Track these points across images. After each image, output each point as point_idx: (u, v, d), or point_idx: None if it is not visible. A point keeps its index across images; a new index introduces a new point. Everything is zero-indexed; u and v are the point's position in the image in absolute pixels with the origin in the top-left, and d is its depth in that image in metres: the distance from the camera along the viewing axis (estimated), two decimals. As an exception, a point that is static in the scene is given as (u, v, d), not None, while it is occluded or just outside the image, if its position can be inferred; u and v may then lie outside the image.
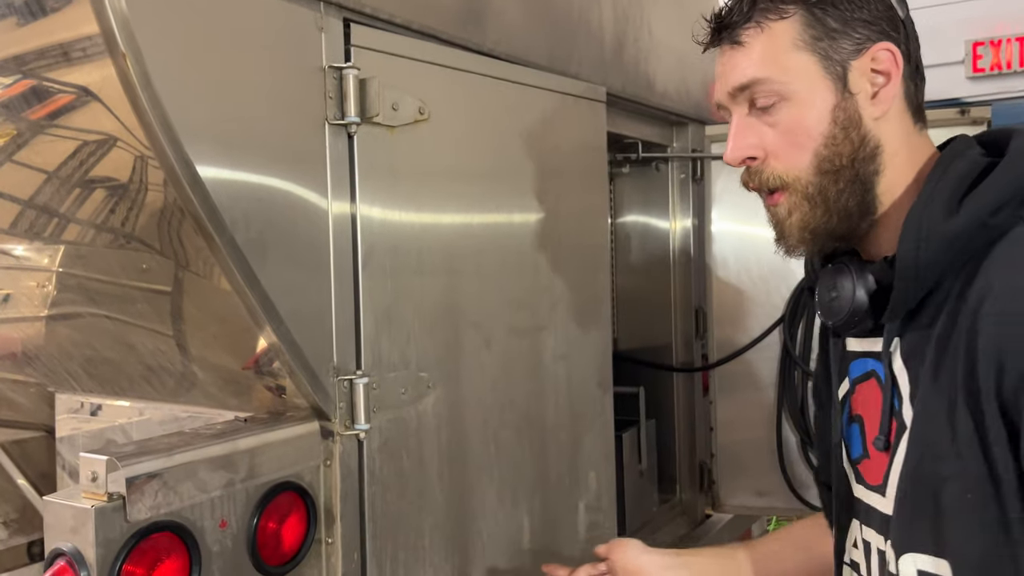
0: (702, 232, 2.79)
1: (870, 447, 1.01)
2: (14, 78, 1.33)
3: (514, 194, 1.81)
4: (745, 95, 0.99)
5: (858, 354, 1.05)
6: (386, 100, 1.44)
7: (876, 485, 1.00)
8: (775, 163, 0.98)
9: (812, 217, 0.98)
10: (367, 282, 1.44)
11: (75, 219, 1.42)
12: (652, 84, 2.47)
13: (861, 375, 1.04)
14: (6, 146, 1.42)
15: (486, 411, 1.72)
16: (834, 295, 0.99)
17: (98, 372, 1.61)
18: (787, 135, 0.97)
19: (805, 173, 0.97)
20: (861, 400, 1.04)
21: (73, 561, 1.08)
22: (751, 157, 1.00)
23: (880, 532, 0.98)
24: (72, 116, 1.30)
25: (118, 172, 1.30)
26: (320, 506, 1.39)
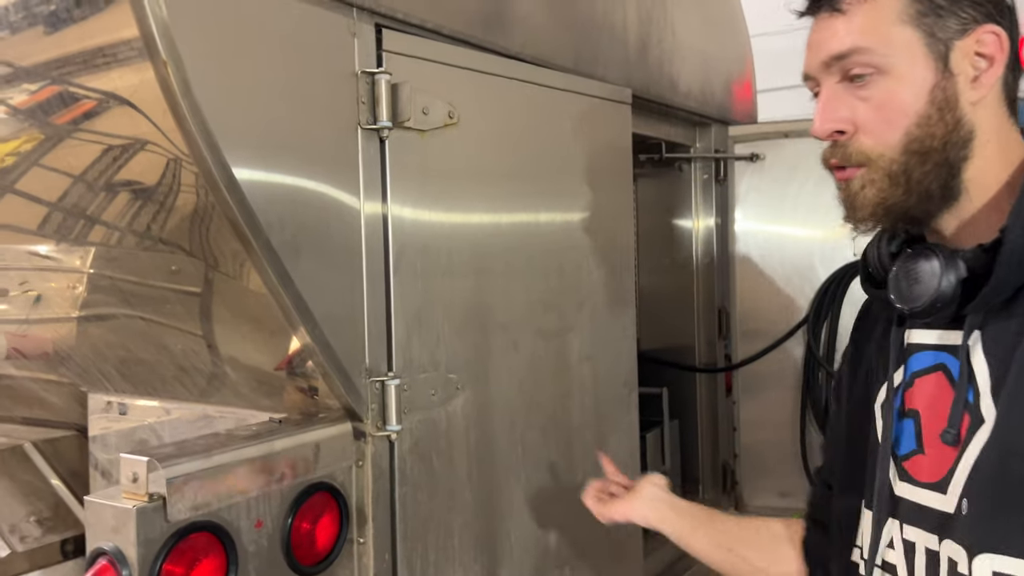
0: (725, 232, 2.79)
1: (928, 442, 0.98)
2: (48, 82, 1.35)
3: (541, 196, 1.82)
4: (840, 65, 0.95)
5: (922, 346, 1.01)
6: (417, 104, 1.45)
7: (932, 482, 0.96)
8: (863, 138, 0.95)
9: (890, 194, 0.95)
10: (398, 284, 1.46)
11: (105, 221, 1.44)
12: (675, 85, 2.47)
13: (924, 368, 1.00)
14: (36, 149, 1.44)
15: (513, 412, 1.73)
16: (915, 280, 0.95)
17: (131, 372, 1.63)
18: (880, 110, 0.94)
19: (891, 151, 0.94)
20: (920, 394, 1.00)
21: (115, 560, 1.10)
22: (840, 131, 0.96)
23: (934, 532, 0.94)
24: (104, 120, 1.32)
25: (150, 175, 1.32)
26: (352, 506, 1.40)
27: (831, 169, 1.00)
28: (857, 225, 0.99)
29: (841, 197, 1.00)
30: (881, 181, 0.95)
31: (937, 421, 0.95)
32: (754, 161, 2.74)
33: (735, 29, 2.90)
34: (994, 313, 0.91)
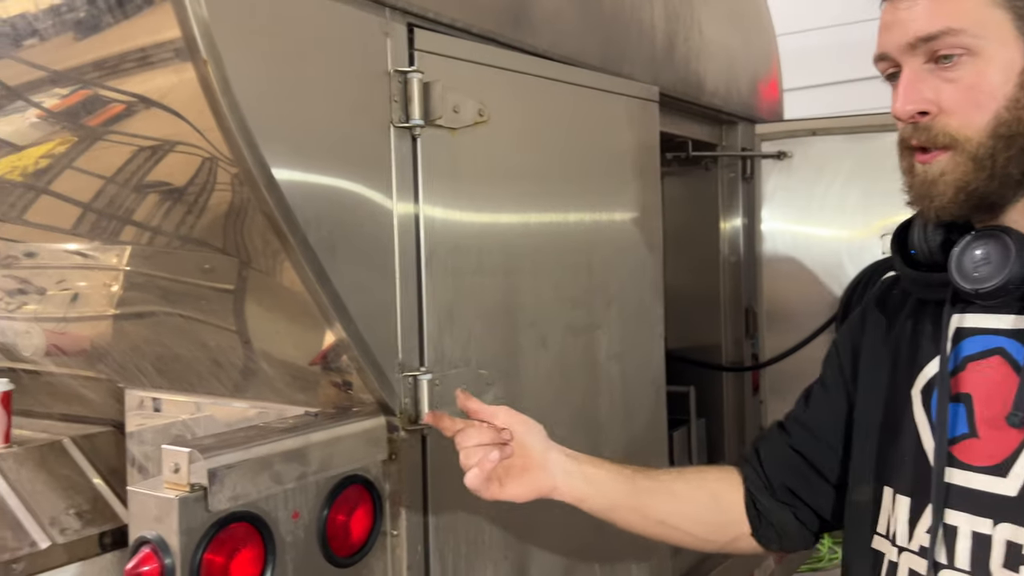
0: (752, 231, 2.78)
1: (982, 426, 0.96)
2: (85, 84, 1.38)
3: (569, 194, 1.83)
4: (927, 47, 0.93)
5: (977, 331, 0.99)
6: (448, 103, 1.47)
7: (989, 466, 0.94)
8: (948, 120, 0.94)
9: (974, 179, 0.93)
10: (430, 281, 1.48)
11: (139, 221, 1.46)
12: (702, 83, 2.48)
13: (978, 352, 0.99)
14: (69, 152, 1.47)
15: (542, 408, 1.74)
16: (985, 262, 0.94)
17: (167, 368, 1.66)
18: (968, 92, 0.93)
19: (978, 134, 0.93)
20: (973, 378, 0.99)
21: (158, 549, 1.13)
22: (923, 112, 0.95)
23: (985, 515, 0.94)
24: (137, 121, 1.35)
25: (183, 175, 1.34)
26: (386, 499, 1.42)
27: (911, 150, 0.98)
28: (929, 211, 0.97)
29: (914, 182, 0.98)
30: (966, 165, 0.93)
31: (994, 405, 0.95)
32: (781, 159, 2.73)
33: (761, 27, 2.90)
34: None
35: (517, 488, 1.20)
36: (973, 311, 1.00)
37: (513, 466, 1.21)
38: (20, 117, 1.51)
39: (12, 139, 1.54)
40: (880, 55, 0.99)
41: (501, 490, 1.19)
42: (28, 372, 1.91)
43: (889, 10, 0.98)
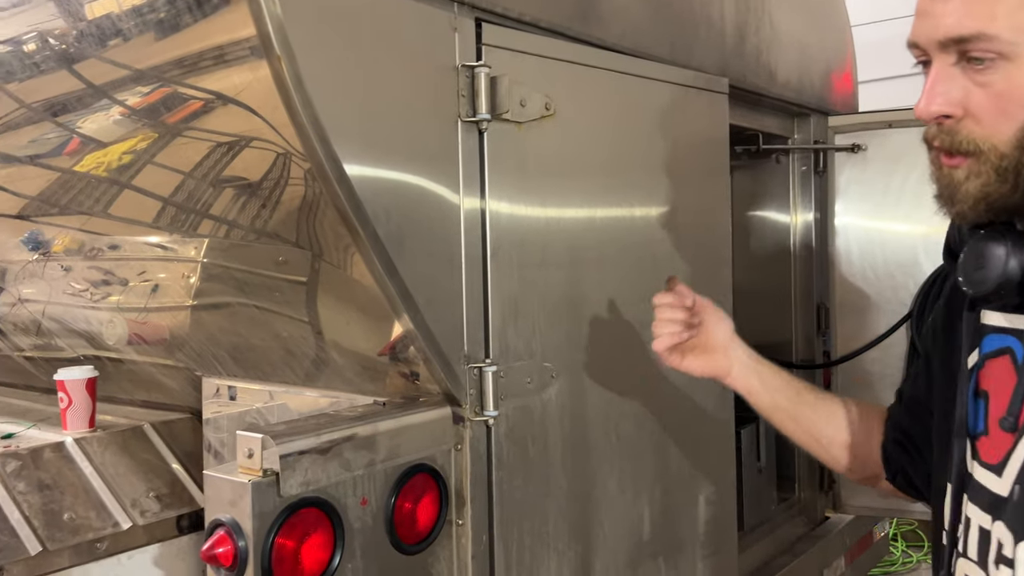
0: (824, 226, 2.72)
1: (991, 425, 0.97)
2: (158, 85, 1.43)
3: (636, 187, 1.82)
4: (959, 48, 0.89)
5: (995, 328, 0.99)
6: (515, 97, 1.48)
7: (992, 464, 0.96)
8: (973, 126, 0.90)
9: (995, 189, 0.90)
10: (495, 274, 1.49)
11: (215, 215, 1.51)
12: (773, 75, 2.43)
13: (993, 350, 0.98)
14: (150, 148, 1.52)
15: (607, 402, 1.74)
16: (982, 263, 0.93)
17: (243, 357, 1.71)
18: (998, 99, 0.88)
19: (1003, 144, 0.89)
20: (989, 376, 0.99)
21: (232, 531, 1.17)
22: (946, 115, 0.91)
23: (988, 512, 0.95)
24: (214, 118, 1.39)
25: (258, 170, 1.38)
26: (451, 488, 1.44)
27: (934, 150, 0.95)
28: (956, 217, 0.96)
29: (940, 184, 0.95)
30: (988, 175, 0.90)
31: (1000, 404, 0.95)
32: (855, 152, 2.66)
33: (835, 18, 2.83)
34: None
35: (696, 362, 1.31)
36: (992, 308, 0.99)
37: (697, 344, 1.32)
38: (104, 115, 1.57)
39: (97, 136, 1.61)
40: (912, 43, 0.94)
41: (682, 361, 1.30)
42: (111, 360, 1.99)
43: None
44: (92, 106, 1.58)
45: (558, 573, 1.61)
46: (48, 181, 1.77)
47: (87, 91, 1.57)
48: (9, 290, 2.07)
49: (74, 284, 1.92)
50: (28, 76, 1.66)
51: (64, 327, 2.01)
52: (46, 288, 1.98)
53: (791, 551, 2.53)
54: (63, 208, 1.79)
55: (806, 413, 1.30)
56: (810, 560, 2.53)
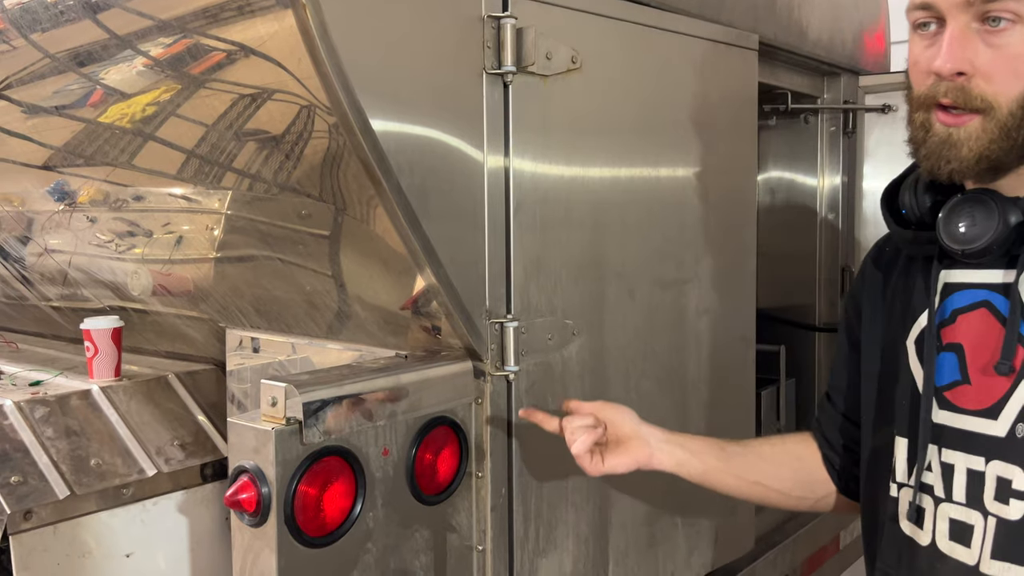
0: (852, 188, 2.68)
1: (974, 373, 1.03)
2: (181, 36, 1.42)
3: (662, 146, 1.80)
4: (985, 6, 0.94)
5: (963, 285, 1.06)
6: (541, 49, 1.46)
7: (980, 409, 1.02)
8: (985, 85, 0.95)
9: (997, 147, 0.96)
10: (518, 230, 1.48)
11: (239, 167, 1.51)
12: (805, 32, 2.38)
13: (966, 305, 1.05)
14: (174, 99, 1.52)
15: (628, 360, 1.74)
16: (971, 223, 1.00)
17: (266, 309, 1.73)
18: (1011, 61, 0.94)
19: (1010, 103, 0.95)
20: (964, 329, 1.05)
21: (255, 478, 1.18)
22: (961, 72, 0.95)
23: (979, 454, 1.01)
24: (239, 69, 1.39)
25: (282, 122, 1.37)
26: (472, 441, 1.45)
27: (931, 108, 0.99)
28: (942, 171, 1.00)
29: (932, 142, 0.99)
30: (992, 132, 0.95)
31: (984, 354, 1.02)
32: (886, 113, 2.62)
33: (870, -26, 2.77)
34: None
35: (618, 459, 1.29)
36: (959, 267, 1.06)
37: (611, 441, 1.30)
38: (128, 66, 1.57)
39: (121, 87, 1.61)
40: (923, 4, 0.98)
41: (603, 463, 1.28)
42: (136, 311, 2.01)
43: None
44: (116, 57, 1.58)
45: (576, 526, 1.63)
46: (73, 132, 1.78)
47: (111, 41, 1.56)
48: (36, 240, 2.09)
49: (99, 235, 1.93)
50: (52, 25, 1.66)
51: (90, 277, 2.03)
52: (72, 239, 2.00)
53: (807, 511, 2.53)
54: (88, 159, 1.80)
55: (740, 463, 1.32)
56: (827, 521, 2.54)
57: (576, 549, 1.63)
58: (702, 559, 1.95)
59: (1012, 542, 0.97)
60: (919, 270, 1.12)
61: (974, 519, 1.02)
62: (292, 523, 1.20)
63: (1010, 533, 0.98)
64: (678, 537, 1.88)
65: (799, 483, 1.33)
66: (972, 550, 1.01)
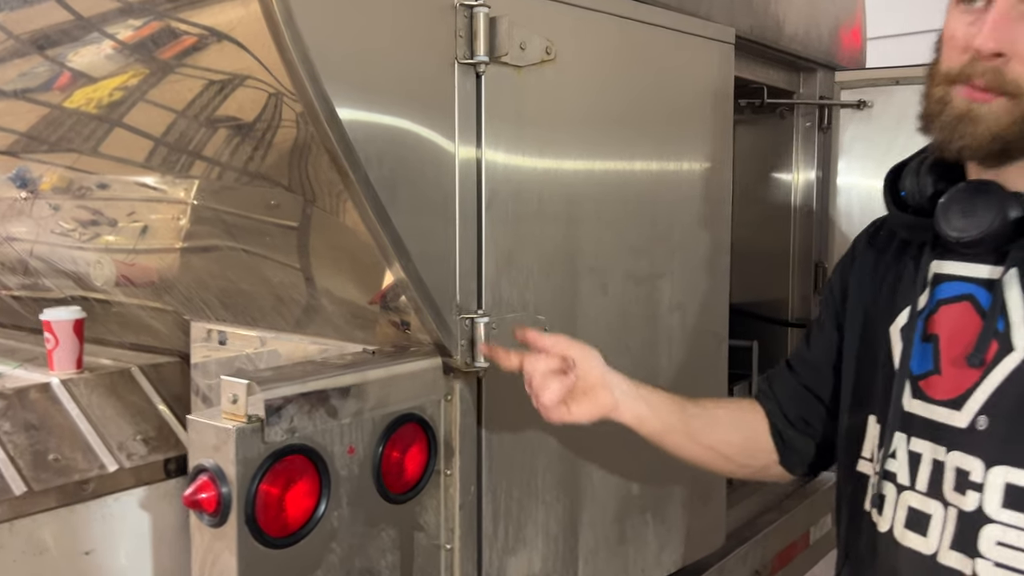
0: (827, 184, 2.68)
1: (945, 364, 1.04)
2: (150, 18, 1.38)
3: (637, 139, 1.78)
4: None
5: (951, 277, 1.06)
6: (514, 39, 1.43)
7: (946, 400, 1.03)
8: (1020, 68, 0.93)
9: (1013, 132, 0.95)
10: (489, 224, 1.46)
11: (207, 155, 1.47)
12: (781, 26, 2.37)
13: (950, 297, 1.06)
14: (141, 84, 1.48)
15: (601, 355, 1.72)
16: (970, 213, 0.99)
17: (232, 302, 1.69)
18: None
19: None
20: (943, 320, 1.06)
21: (215, 477, 1.15)
22: (999, 53, 0.94)
23: (941, 444, 1.02)
24: (206, 55, 1.35)
25: (250, 110, 1.34)
26: (440, 439, 1.43)
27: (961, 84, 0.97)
28: (952, 146, 0.99)
29: (949, 114, 0.98)
30: (1017, 115, 0.94)
31: (957, 346, 1.03)
32: (861, 109, 2.61)
33: (847, -30, 2.76)
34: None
35: (583, 408, 1.24)
36: (952, 258, 1.06)
37: (576, 389, 1.24)
38: (95, 48, 1.52)
39: (87, 71, 1.56)
40: None
41: (568, 412, 1.23)
42: (99, 302, 1.96)
43: None
44: (82, 39, 1.54)
45: (545, 524, 1.61)
46: (37, 117, 1.73)
47: (76, 23, 1.52)
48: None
49: (62, 223, 1.89)
50: (16, 6, 1.61)
51: (51, 267, 1.98)
52: (33, 227, 1.95)
53: (779, 507, 2.54)
54: (52, 145, 1.75)
55: (697, 425, 1.30)
56: (797, 517, 2.55)
57: (545, 547, 1.61)
58: (672, 556, 1.94)
59: (966, 534, 0.99)
60: (911, 257, 1.11)
61: (932, 508, 1.03)
62: (253, 523, 1.17)
63: (965, 524, 0.99)
64: (648, 534, 1.87)
65: (745, 450, 1.33)
66: (929, 540, 1.02)
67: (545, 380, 1.21)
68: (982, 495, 0.97)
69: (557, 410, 1.22)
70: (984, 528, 0.97)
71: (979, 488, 0.98)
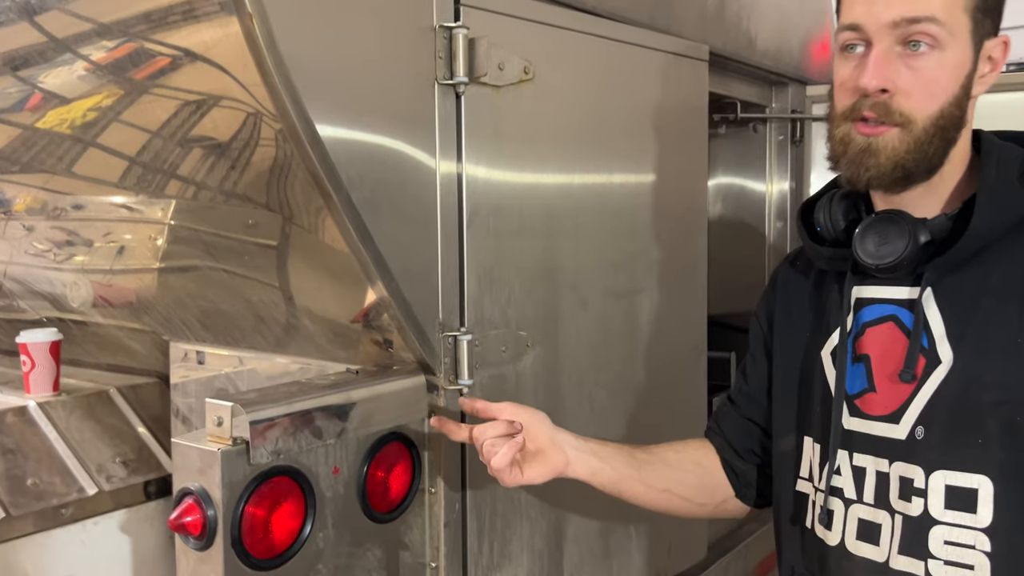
0: (800, 195, 2.72)
1: (879, 382, 1.11)
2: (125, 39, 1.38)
3: (614, 155, 1.80)
4: (908, 29, 1.02)
5: (873, 300, 1.13)
6: (493, 60, 1.45)
7: (884, 415, 1.10)
8: (904, 101, 1.03)
9: (912, 158, 1.04)
10: (471, 242, 1.47)
11: (184, 175, 1.47)
12: (753, 42, 2.41)
13: (874, 319, 1.13)
14: (116, 105, 1.47)
15: (582, 371, 1.73)
16: (884, 241, 1.07)
17: (211, 322, 1.68)
18: (927, 83, 1.03)
19: (925, 120, 1.04)
20: (871, 341, 1.13)
21: (201, 500, 1.15)
22: (884, 89, 1.04)
23: (883, 456, 1.09)
24: (183, 76, 1.35)
25: (228, 130, 1.34)
26: (424, 457, 1.43)
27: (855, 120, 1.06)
28: (860, 178, 1.07)
29: (852, 150, 1.06)
30: (908, 144, 1.04)
31: (889, 364, 1.10)
32: (832, 122, 2.66)
33: (815, -15, 2.81)
34: (945, 272, 1.06)
35: (536, 470, 1.26)
36: (870, 283, 1.13)
37: (527, 452, 1.26)
38: (68, 70, 1.52)
39: (61, 92, 1.55)
40: (852, 24, 1.06)
41: (521, 475, 1.24)
42: (76, 323, 1.95)
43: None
44: (55, 60, 1.53)
45: (530, 540, 1.62)
46: (9, 137, 1.71)
47: (50, 44, 1.51)
48: (-31, 250, 2.02)
49: (37, 244, 1.87)
50: (-13, 27, 1.60)
51: (27, 288, 1.96)
52: (7, 248, 1.92)
53: (759, 518, 2.56)
54: (25, 166, 1.74)
55: (649, 471, 1.34)
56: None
57: (531, 563, 1.62)
58: (656, 568, 1.96)
59: (915, 537, 1.05)
60: (832, 284, 1.19)
61: (881, 518, 1.09)
62: (239, 546, 1.17)
63: (913, 529, 1.05)
64: (632, 547, 1.88)
65: (701, 489, 1.36)
66: (881, 547, 1.09)
67: (494, 445, 1.21)
68: (926, 500, 1.05)
69: (509, 473, 1.23)
70: (932, 530, 1.04)
71: (923, 494, 1.05)
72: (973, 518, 1.02)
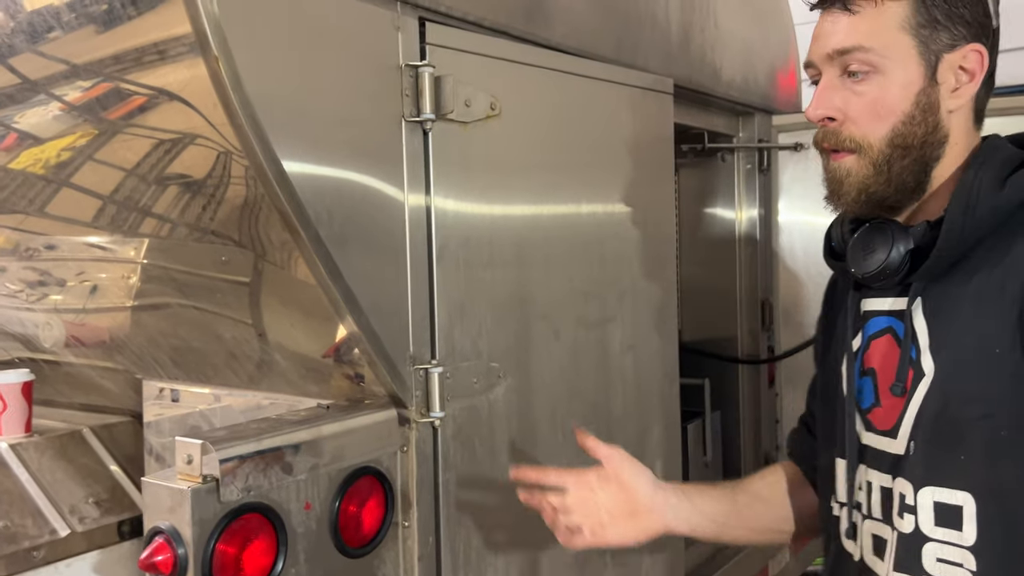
0: (768, 223, 2.77)
1: (883, 396, 1.11)
2: (101, 79, 1.40)
3: (582, 187, 1.83)
4: (841, 60, 1.06)
5: (875, 313, 1.14)
6: (459, 97, 1.47)
7: (886, 430, 1.10)
8: (853, 127, 1.07)
9: (873, 182, 1.06)
10: (441, 274, 1.48)
11: (157, 213, 1.48)
12: (718, 74, 2.46)
13: (876, 332, 1.13)
14: (90, 144, 1.49)
15: (555, 401, 1.75)
16: (870, 250, 1.08)
17: (184, 360, 1.68)
18: (871, 106, 1.06)
19: (879, 142, 1.06)
20: (875, 354, 1.13)
21: (171, 539, 1.14)
22: (830, 118, 1.08)
23: (887, 472, 1.09)
24: (155, 115, 1.36)
25: (200, 168, 1.35)
26: (397, 491, 1.43)
27: (824, 151, 1.11)
28: (839, 208, 1.11)
29: (830, 182, 1.10)
30: (867, 168, 1.06)
31: (889, 377, 1.10)
32: (798, 151, 2.71)
33: (779, 17, 2.88)
34: (934, 281, 1.06)
35: (624, 531, 1.25)
36: (872, 295, 1.14)
37: (619, 510, 1.25)
38: (42, 110, 1.53)
39: (35, 132, 1.56)
40: (807, 62, 1.12)
41: (603, 532, 1.24)
42: (48, 363, 1.94)
43: (820, 22, 1.10)
44: (28, 101, 1.54)
45: (506, 572, 1.62)
46: (-19, 178, 1.72)
47: (24, 86, 1.52)
48: (-60, 291, 2.01)
49: (8, 285, 1.86)
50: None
51: (-2, 329, 1.95)
52: (-21, 289, 1.92)
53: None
54: (-4, 207, 1.74)
55: (749, 514, 1.33)
56: (755, 553, 2.58)
57: (506, 594, 1.62)
58: (633, 597, 1.96)
59: (908, 554, 1.05)
60: (849, 299, 1.19)
61: (887, 534, 1.09)
62: (210, 584, 1.16)
63: (907, 546, 1.05)
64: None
65: (801, 518, 1.34)
66: (885, 563, 1.09)
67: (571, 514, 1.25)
68: (916, 516, 1.04)
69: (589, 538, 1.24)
70: (925, 547, 1.03)
71: (913, 510, 1.05)
72: (960, 536, 1.00)
